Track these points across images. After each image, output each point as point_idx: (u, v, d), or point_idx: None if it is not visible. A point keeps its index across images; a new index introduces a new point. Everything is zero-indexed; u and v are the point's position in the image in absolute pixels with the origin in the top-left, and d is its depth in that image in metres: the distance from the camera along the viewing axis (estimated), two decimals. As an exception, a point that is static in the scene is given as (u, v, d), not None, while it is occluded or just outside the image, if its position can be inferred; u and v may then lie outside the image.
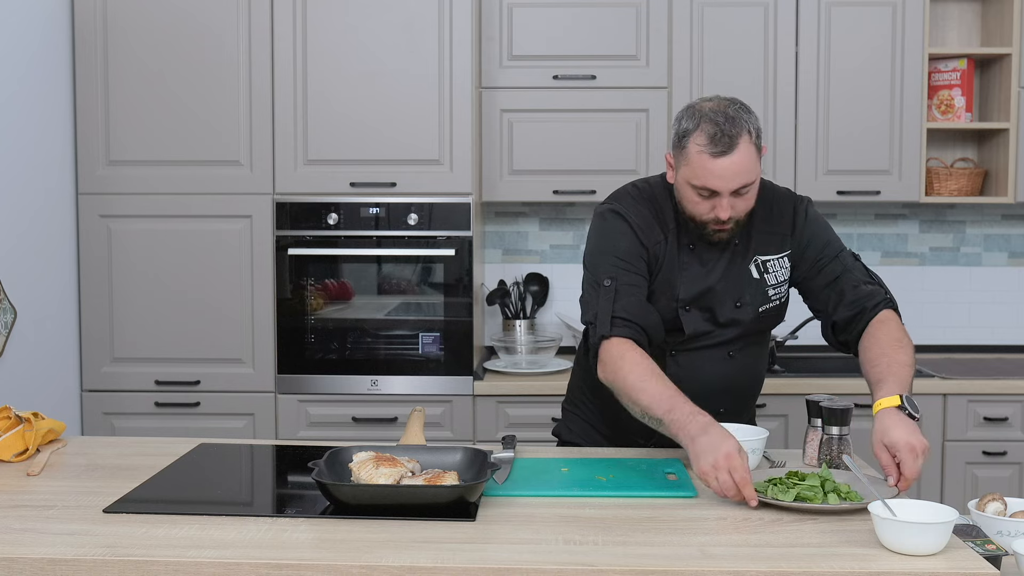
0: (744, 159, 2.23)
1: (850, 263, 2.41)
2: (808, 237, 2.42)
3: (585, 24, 3.80)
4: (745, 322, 2.41)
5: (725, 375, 2.44)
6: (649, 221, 2.38)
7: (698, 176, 2.25)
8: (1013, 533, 1.87)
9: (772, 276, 2.41)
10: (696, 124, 2.25)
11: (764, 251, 2.40)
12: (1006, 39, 3.88)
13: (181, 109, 3.64)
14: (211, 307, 3.67)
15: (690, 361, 2.42)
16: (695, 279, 2.38)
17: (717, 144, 2.21)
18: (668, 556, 1.71)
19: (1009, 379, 3.66)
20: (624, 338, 2.27)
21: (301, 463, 2.22)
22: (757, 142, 2.27)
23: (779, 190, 2.48)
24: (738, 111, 2.26)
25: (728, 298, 2.39)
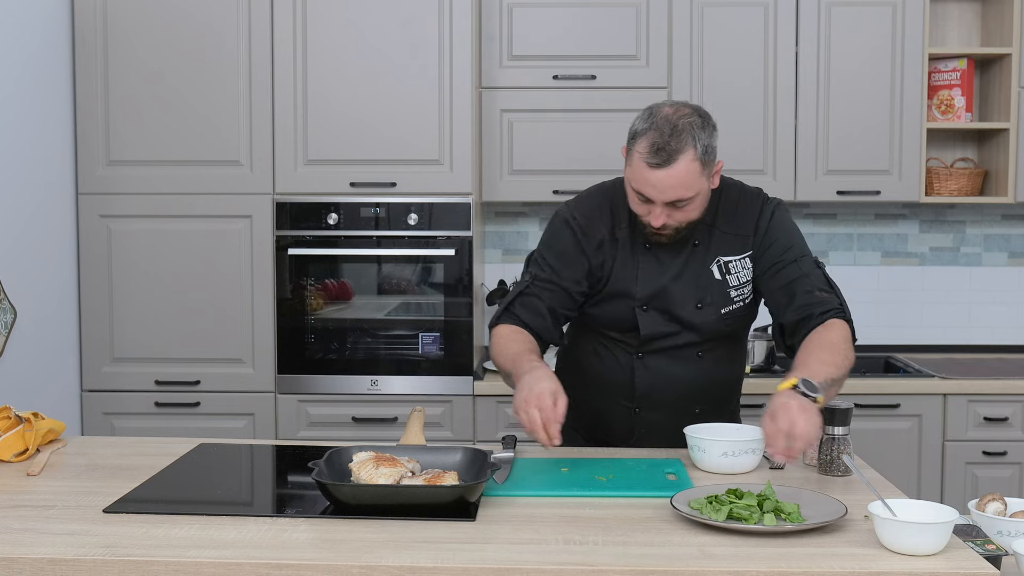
0: (681, 174, 2.20)
1: (808, 269, 2.37)
2: (771, 239, 2.39)
3: (585, 24, 3.80)
4: (709, 323, 2.39)
5: (696, 376, 2.43)
6: (596, 221, 2.40)
7: (635, 181, 2.26)
8: (1013, 533, 1.87)
9: (734, 277, 2.39)
10: (645, 129, 2.24)
11: (726, 252, 2.39)
12: (1006, 39, 3.88)
13: (181, 109, 3.64)
14: (211, 307, 3.67)
15: (657, 363, 2.42)
16: (650, 278, 2.38)
17: (656, 156, 2.20)
18: (668, 556, 1.71)
19: (1009, 379, 3.66)
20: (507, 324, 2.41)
21: (301, 463, 2.22)
22: (704, 158, 2.23)
23: (748, 191, 2.46)
24: (690, 124, 2.22)
25: (688, 299, 2.38)
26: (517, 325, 2.40)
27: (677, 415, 2.41)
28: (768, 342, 3.90)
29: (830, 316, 2.30)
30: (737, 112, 3.83)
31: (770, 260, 2.38)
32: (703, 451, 2.22)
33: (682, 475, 2.18)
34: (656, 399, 2.44)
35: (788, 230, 2.42)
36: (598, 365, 2.48)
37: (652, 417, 2.46)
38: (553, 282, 2.41)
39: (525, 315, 2.40)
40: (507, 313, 2.42)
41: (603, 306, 2.42)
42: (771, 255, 2.38)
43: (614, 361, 2.46)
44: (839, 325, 2.29)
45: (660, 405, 2.45)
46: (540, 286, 2.41)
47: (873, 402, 3.63)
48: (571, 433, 2.59)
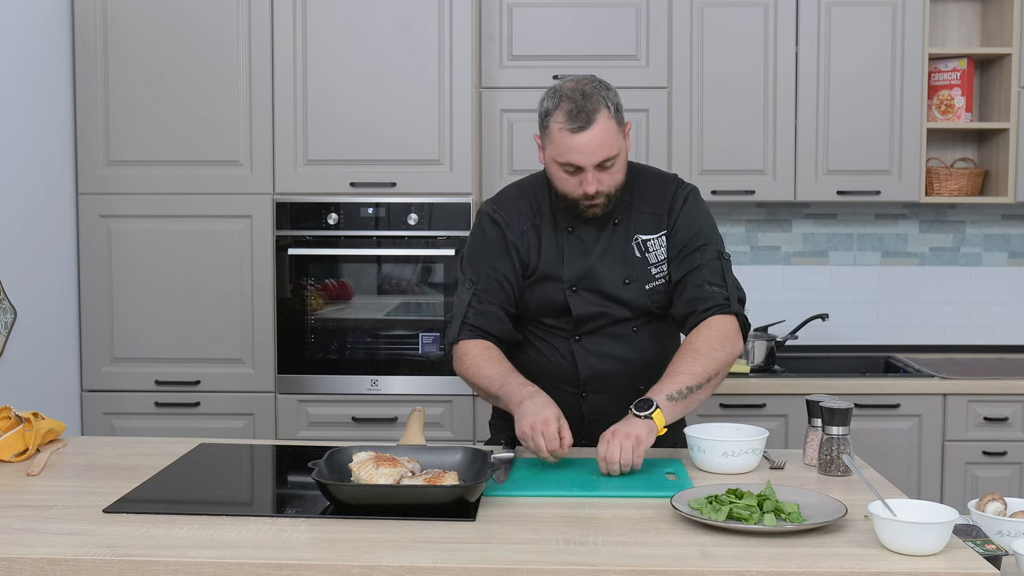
0: (603, 133, 2.28)
1: (706, 260, 2.41)
2: (680, 222, 2.45)
3: (585, 24, 3.80)
4: (636, 300, 2.44)
5: (634, 352, 2.46)
6: (517, 213, 2.47)
7: (561, 153, 2.31)
8: (1013, 533, 1.87)
9: (653, 255, 2.45)
10: (556, 103, 2.31)
11: (643, 231, 2.45)
12: (1006, 39, 3.88)
13: (181, 109, 3.64)
14: (211, 307, 3.67)
15: (595, 344, 2.45)
16: (576, 259, 2.43)
17: (575, 120, 2.28)
18: (668, 556, 1.71)
19: (1009, 379, 3.66)
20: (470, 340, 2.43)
21: (301, 463, 2.22)
22: (618, 116, 2.32)
23: (664, 174, 2.54)
24: (595, 88, 2.32)
25: (615, 276, 2.43)
26: (481, 338, 2.43)
27: (623, 394, 2.43)
28: (768, 342, 3.90)
29: (713, 312, 2.36)
30: (737, 112, 3.83)
31: (675, 246, 2.44)
32: (703, 451, 2.23)
33: (682, 475, 2.18)
34: (600, 381, 2.47)
35: (699, 217, 2.47)
36: (538, 357, 2.51)
37: (599, 400, 2.47)
38: (495, 280, 2.45)
39: (486, 324, 2.43)
40: (467, 327, 2.44)
41: (534, 291, 2.46)
42: (677, 241, 2.44)
43: (553, 350, 2.49)
44: (716, 322, 2.35)
45: (605, 386, 2.47)
46: (485, 290, 2.45)
47: (873, 402, 3.63)
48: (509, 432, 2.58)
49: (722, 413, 3.61)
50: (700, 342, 2.31)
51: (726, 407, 3.63)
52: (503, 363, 2.38)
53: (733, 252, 4.19)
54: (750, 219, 4.19)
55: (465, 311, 2.45)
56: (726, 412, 3.62)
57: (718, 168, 3.83)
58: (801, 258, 4.20)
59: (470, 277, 2.47)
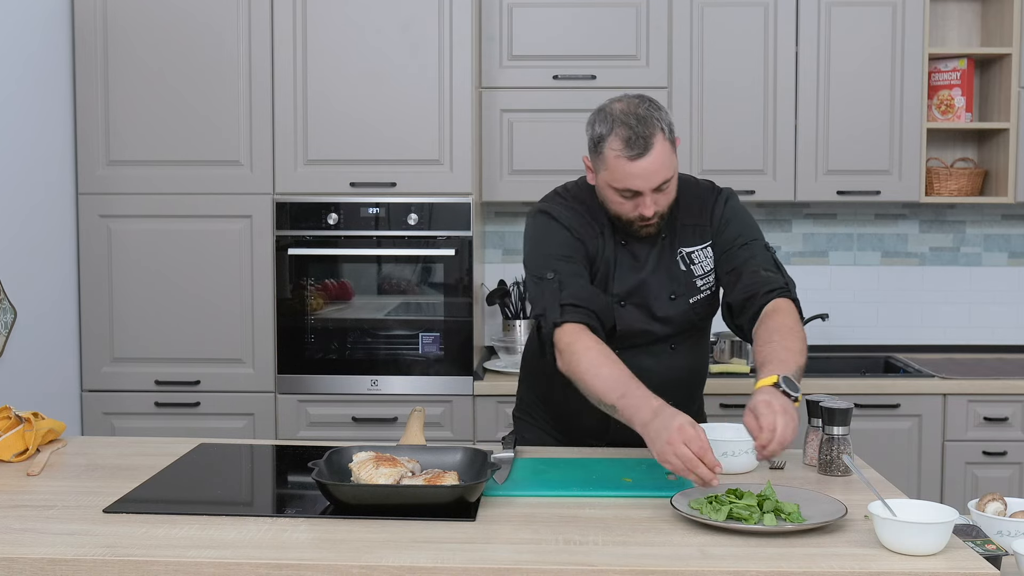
0: (660, 157, 2.26)
1: (757, 252, 2.43)
2: (723, 225, 2.45)
3: (585, 24, 3.80)
4: (680, 314, 2.44)
5: (668, 368, 2.46)
6: (581, 219, 2.42)
7: (619, 179, 2.28)
8: (1013, 533, 1.87)
9: (698, 267, 2.45)
10: (610, 128, 2.27)
11: (688, 243, 2.44)
12: (1006, 39, 3.88)
13: (181, 109, 3.64)
14: (211, 307, 3.67)
15: (634, 358, 2.41)
16: (628, 274, 2.42)
17: (633, 147, 2.24)
18: (668, 556, 1.71)
19: (1009, 379, 3.66)
20: (576, 323, 2.27)
21: (301, 463, 2.22)
22: (671, 137, 2.31)
23: (702, 183, 2.53)
24: (648, 110, 2.28)
25: (662, 291, 2.42)
26: (583, 320, 2.28)
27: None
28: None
29: (775, 295, 2.34)
30: (737, 112, 3.83)
31: (722, 246, 2.45)
32: (703, 451, 2.22)
33: (682, 475, 2.18)
34: None
35: (739, 217, 2.48)
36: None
37: None
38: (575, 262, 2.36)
39: (587, 301, 2.30)
40: (567, 309, 2.28)
41: None
42: (724, 241, 2.45)
43: None
44: (787, 306, 2.33)
45: None
46: (570, 272, 2.33)
47: (873, 402, 3.63)
48: (544, 437, 2.59)
49: (722, 413, 3.61)
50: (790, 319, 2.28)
51: (726, 407, 3.63)
52: (620, 364, 2.19)
53: (733, 252, 4.19)
54: (750, 219, 4.19)
55: (559, 295, 2.30)
56: (726, 412, 3.62)
57: (718, 168, 3.83)
58: (801, 258, 4.20)
59: (550, 269, 2.34)
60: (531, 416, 2.65)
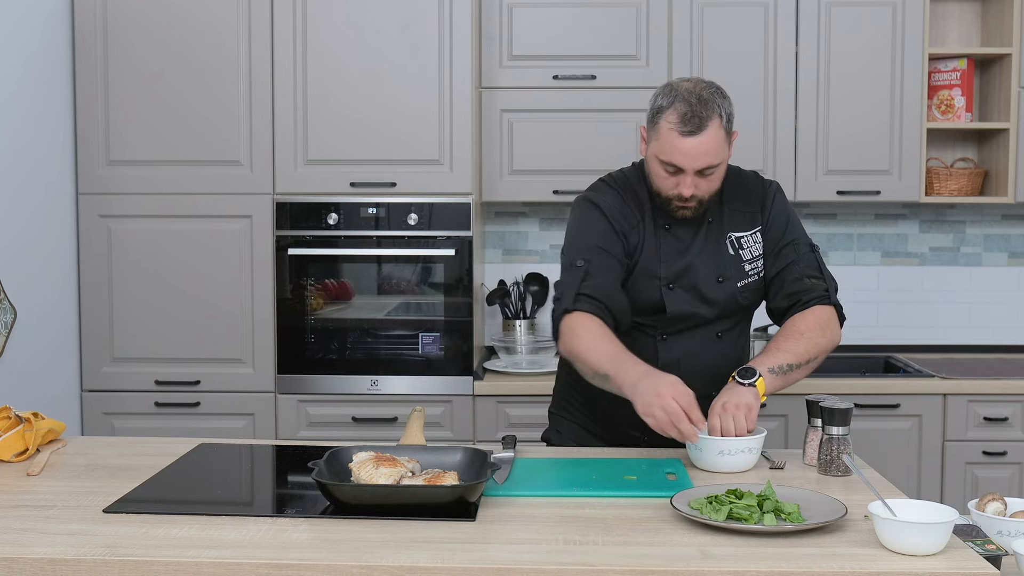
0: (712, 141, 2.30)
1: (803, 253, 2.47)
2: (773, 217, 2.49)
3: (585, 24, 3.80)
4: (728, 297, 2.46)
5: (714, 357, 2.48)
6: (623, 206, 2.46)
7: (666, 152, 2.33)
8: (1013, 533, 1.87)
9: (747, 251, 2.48)
10: (671, 102, 2.33)
11: (737, 228, 2.48)
12: (1006, 39, 3.88)
13: (181, 109, 3.64)
14: (211, 307, 3.67)
15: (680, 344, 2.47)
16: (675, 257, 2.44)
17: (687, 124, 2.29)
18: (668, 556, 1.71)
19: (1009, 379, 3.66)
20: (585, 312, 2.34)
21: (301, 463, 2.22)
22: (727, 126, 2.35)
23: (747, 172, 2.58)
24: (712, 94, 2.33)
25: (710, 274, 2.45)
26: (594, 311, 2.33)
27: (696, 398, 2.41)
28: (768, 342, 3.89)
29: (815, 303, 2.43)
30: (737, 112, 3.76)
31: (770, 242, 2.48)
32: (700, 449, 2.23)
33: (682, 475, 2.18)
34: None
35: (787, 212, 2.53)
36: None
37: None
38: (609, 260, 2.39)
39: (604, 296, 2.35)
40: (583, 298, 2.34)
41: (629, 285, 2.44)
42: (773, 234, 2.48)
43: (634, 346, 2.40)
44: (819, 311, 2.42)
45: None
46: (599, 266, 2.38)
47: (873, 402, 3.63)
48: (581, 433, 2.59)
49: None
50: (805, 325, 2.38)
51: (726, 407, 3.62)
52: (618, 343, 2.29)
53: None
54: (750, 219, 4.19)
55: (579, 284, 2.36)
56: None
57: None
58: (801, 258, 4.20)
59: (582, 257, 2.39)
60: (568, 412, 2.64)
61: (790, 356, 2.33)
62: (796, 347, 2.34)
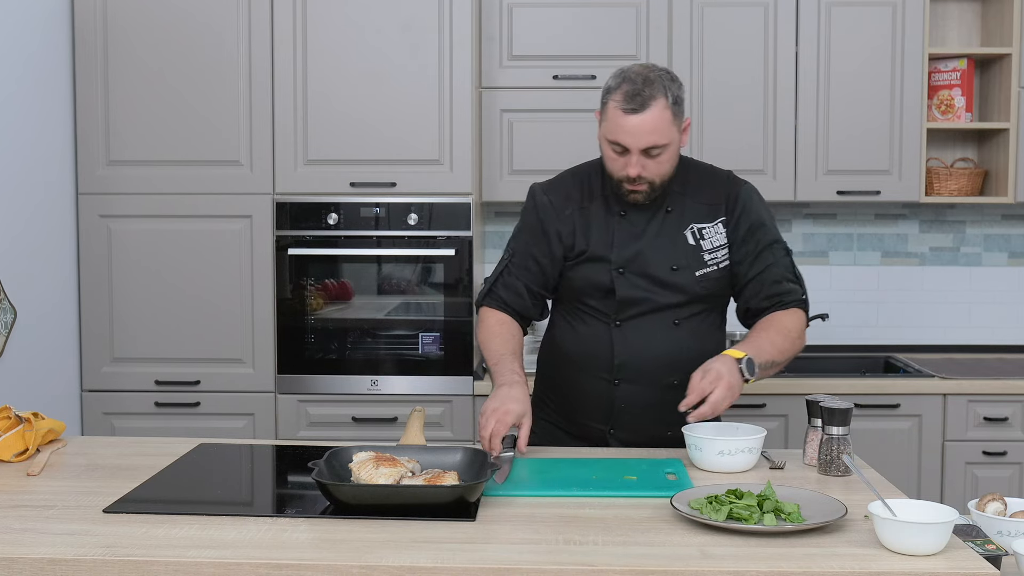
0: (655, 120, 2.33)
1: (780, 257, 2.50)
2: (745, 215, 2.49)
3: (585, 24, 3.80)
4: (685, 285, 2.47)
5: (672, 344, 2.48)
6: (565, 196, 2.53)
7: (612, 131, 2.38)
8: (1013, 533, 1.87)
9: (708, 242, 2.49)
10: (618, 83, 2.38)
11: (699, 220, 2.50)
12: (1006, 39, 3.88)
13: (181, 109, 3.64)
14: (211, 307, 3.67)
15: (635, 329, 2.48)
16: (626, 242, 2.48)
17: (631, 102, 2.33)
18: (668, 556, 1.71)
19: (1009, 379, 3.66)
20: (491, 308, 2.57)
21: (301, 463, 2.22)
22: (675, 109, 2.37)
23: (719, 170, 2.59)
24: (660, 76, 2.37)
25: (663, 261, 2.47)
26: (501, 307, 2.55)
27: (655, 387, 2.47)
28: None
29: (791, 306, 2.48)
30: (737, 112, 3.83)
31: (744, 241, 2.48)
32: (700, 449, 2.23)
33: (682, 475, 2.18)
34: (634, 369, 2.48)
35: (763, 213, 2.53)
36: (576, 339, 2.54)
37: (631, 390, 2.49)
38: (529, 257, 2.54)
39: (507, 296, 2.55)
40: (491, 295, 2.58)
41: (580, 271, 2.51)
42: (744, 236, 2.48)
43: (591, 333, 2.52)
44: (798, 314, 2.49)
45: (638, 376, 2.48)
46: (517, 264, 2.56)
47: (873, 402, 3.63)
48: (553, 431, 2.59)
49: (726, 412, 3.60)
50: (791, 324, 2.44)
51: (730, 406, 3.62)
52: (509, 343, 2.48)
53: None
54: (750, 219, 4.19)
55: (495, 280, 2.58)
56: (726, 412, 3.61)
57: (718, 168, 3.83)
58: (801, 258, 4.20)
59: (509, 249, 2.59)
60: (540, 410, 2.65)
61: (776, 353, 2.38)
62: (784, 344, 2.40)
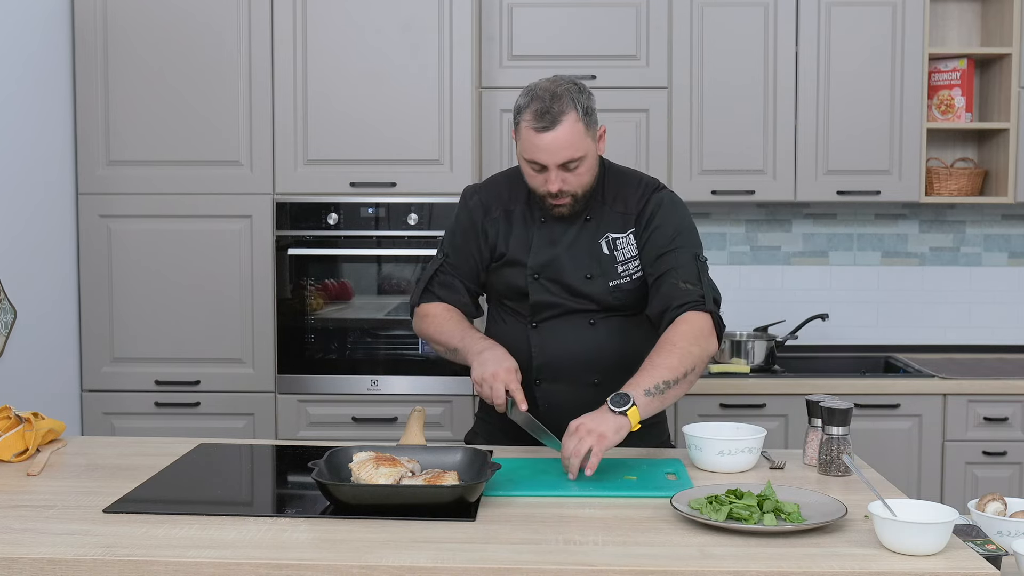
0: (568, 135, 2.33)
1: (683, 261, 2.41)
2: (656, 225, 2.46)
3: (585, 24, 3.80)
4: (597, 295, 2.47)
5: (589, 344, 2.48)
6: (495, 197, 2.55)
7: (527, 150, 2.38)
8: (1013, 533, 1.87)
9: (620, 253, 2.48)
10: (527, 102, 2.37)
11: (614, 229, 2.49)
12: (1006, 39, 3.88)
13: (181, 109, 3.64)
14: (211, 307, 3.67)
15: (551, 330, 2.50)
16: (542, 249, 2.49)
17: (541, 120, 2.33)
18: (668, 556, 1.71)
19: (1009, 379, 3.66)
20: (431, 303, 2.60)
21: (301, 463, 2.22)
22: (587, 119, 2.36)
23: (643, 179, 2.56)
24: (567, 90, 2.36)
25: (578, 270, 2.47)
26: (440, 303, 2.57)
27: (577, 386, 2.47)
28: (768, 342, 3.90)
29: (686, 309, 2.34)
30: (737, 112, 3.83)
31: (652, 248, 2.46)
32: (700, 449, 2.23)
33: (682, 475, 2.18)
34: (554, 369, 2.49)
35: (673, 221, 2.47)
36: (500, 338, 2.54)
37: (552, 389, 2.50)
38: (464, 255, 2.57)
39: (444, 293, 2.58)
40: (429, 293, 2.60)
41: (500, 274, 2.54)
42: (653, 244, 2.45)
43: (512, 333, 2.54)
44: (691, 317, 2.33)
45: (559, 376, 2.49)
46: (451, 264, 2.58)
47: (873, 402, 3.63)
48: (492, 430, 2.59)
49: (722, 413, 3.61)
50: (677, 336, 2.29)
51: (726, 407, 3.63)
52: (464, 322, 2.53)
53: (733, 252, 4.19)
54: (750, 219, 4.19)
55: (431, 278, 2.59)
56: (726, 412, 3.62)
57: (718, 168, 3.83)
58: (801, 258, 4.21)
59: (444, 249, 2.61)
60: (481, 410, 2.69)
61: (665, 372, 2.21)
62: (670, 361, 2.22)
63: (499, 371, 2.32)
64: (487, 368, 2.33)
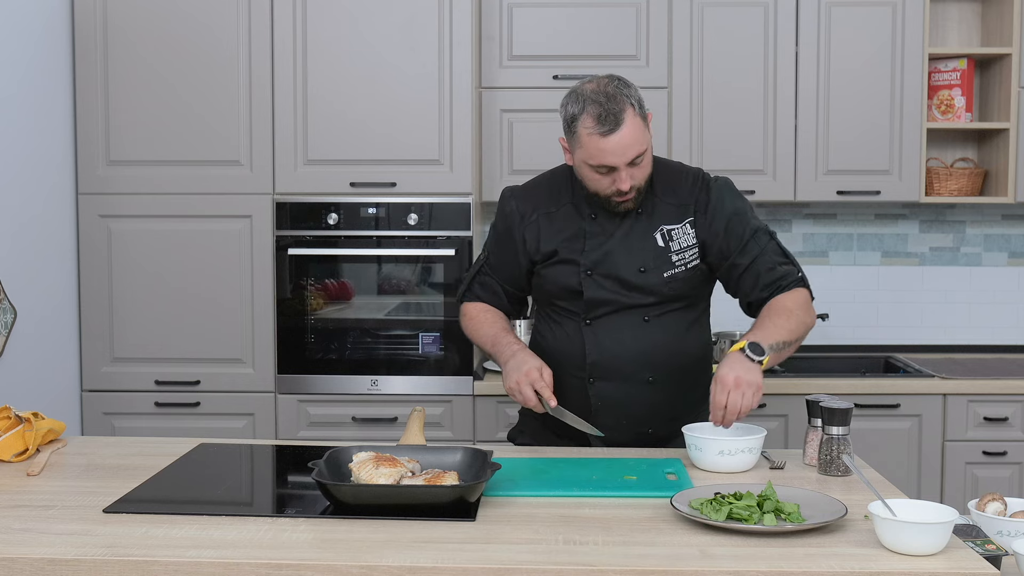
0: (632, 131, 2.35)
1: (764, 244, 2.49)
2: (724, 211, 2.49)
3: (585, 24, 3.80)
4: (652, 287, 2.48)
5: (644, 342, 2.49)
6: (532, 202, 2.58)
7: (593, 156, 2.38)
8: (1013, 533, 1.87)
9: (676, 243, 2.50)
10: (582, 108, 2.37)
11: (669, 221, 2.50)
12: (1006, 39, 3.88)
13: (181, 109, 3.64)
14: (211, 307, 3.67)
15: (605, 328, 2.50)
16: (595, 246, 2.50)
17: (604, 123, 2.34)
18: (668, 556, 1.71)
19: (1009, 379, 3.66)
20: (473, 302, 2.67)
21: (301, 463, 2.22)
22: (641, 112, 2.39)
23: (688, 168, 2.60)
24: (617, 87, 2.38)
25: (632, 264, 2.48)
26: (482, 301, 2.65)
27: (630, 384, 2.48)
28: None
29: (792, 287, 2.46)
30: (737, 112, 3.83)
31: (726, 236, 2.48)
32: (700, 449, 2.23)
33: (682, 475, 2.18)
34: (607, 367, 2.49)
35: (740, 204, 2.53)
36: (551, 339, 2.58)
37: (605, 388, 2.50)
38: (500, 260, 2.62)
39: (483, 293, 2.65)
40: (470, 292, 2.68)
41: (551, 274, 2.54)
42: (731, 231, 2.48)
43: (564, 333, 2.55)
44: (797, 292, 2.46)
45: (612, 373, 2.49)
46: (491, 265, 2.64)
47: (873, 402, 3.63)
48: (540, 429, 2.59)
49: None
50: (791, 303, 2.40)
51: (726, 407, 3.62)
52: (497, 324, 2.59)
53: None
54: (750, 219, 4.19)
55: (473, 278, 2.67)
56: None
57: (718, 168, 3.78)
58: (801, 258, 4.20)
59: (486, 250, 2.67)
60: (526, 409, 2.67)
61: (785, 333, 2.34)
62: (789, 324, 2.35)
63: (522, 377, 2.37)
64: (511, 378, 2.40)
